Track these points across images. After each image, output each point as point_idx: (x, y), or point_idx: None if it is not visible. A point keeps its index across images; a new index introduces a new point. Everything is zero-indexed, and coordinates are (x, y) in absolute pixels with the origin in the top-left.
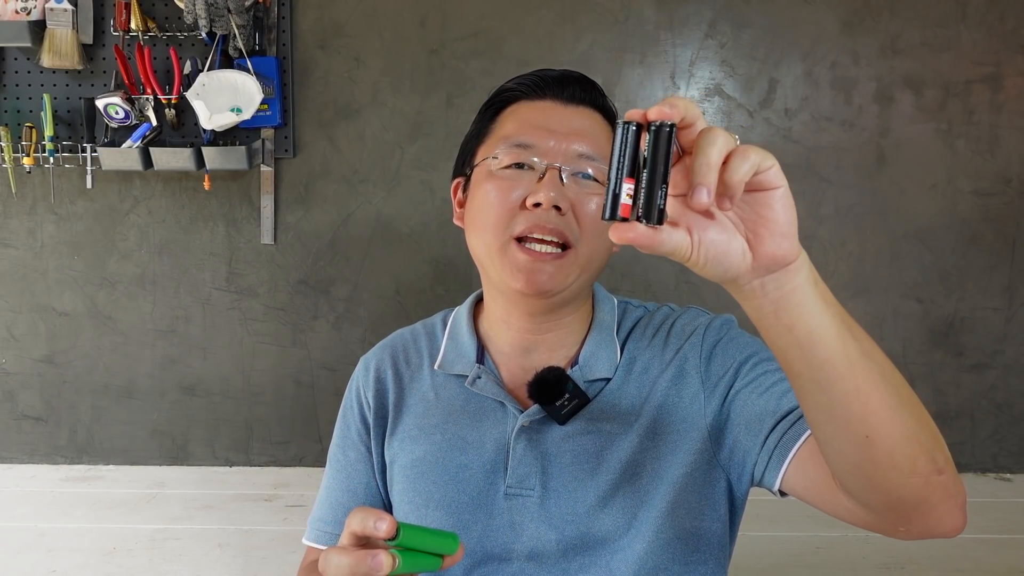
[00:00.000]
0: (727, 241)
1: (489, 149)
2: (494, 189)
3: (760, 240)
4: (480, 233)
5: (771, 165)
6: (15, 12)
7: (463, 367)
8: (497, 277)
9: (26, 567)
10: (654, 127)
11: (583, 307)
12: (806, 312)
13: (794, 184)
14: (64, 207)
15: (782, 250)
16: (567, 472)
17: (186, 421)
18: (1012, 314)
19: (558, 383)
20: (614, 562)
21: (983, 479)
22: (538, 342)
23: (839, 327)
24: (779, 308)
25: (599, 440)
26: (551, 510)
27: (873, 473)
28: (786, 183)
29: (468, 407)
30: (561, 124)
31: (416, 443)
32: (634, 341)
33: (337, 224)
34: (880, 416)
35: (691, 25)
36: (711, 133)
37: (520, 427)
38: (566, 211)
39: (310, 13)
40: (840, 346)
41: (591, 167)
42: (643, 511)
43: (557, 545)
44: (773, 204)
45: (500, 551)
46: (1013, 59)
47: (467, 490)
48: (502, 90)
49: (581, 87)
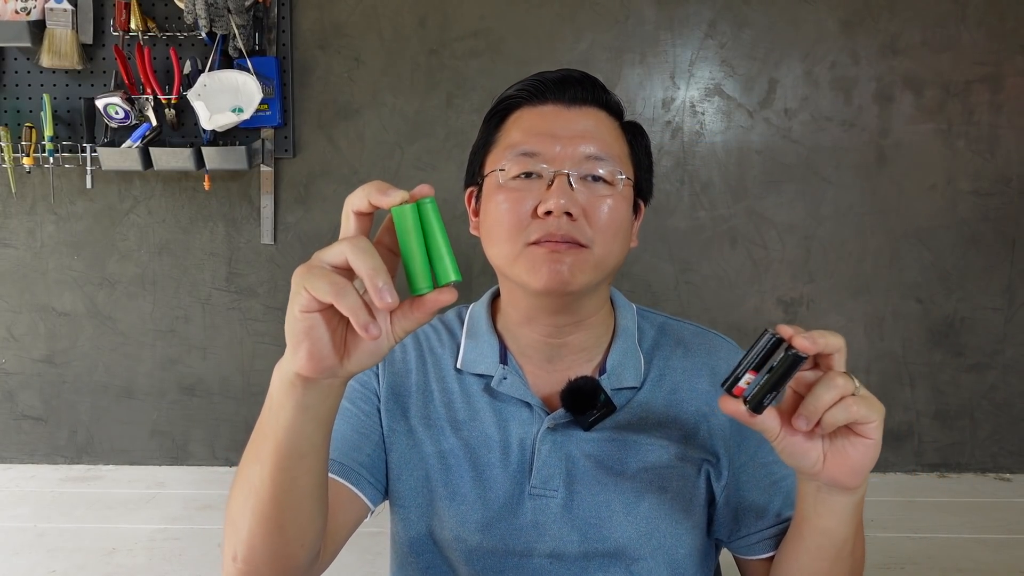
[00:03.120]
0: (808, 449)
1: (496, 159)
2: (505, 201)
3: (834, 465)
4: (497, 244)
5: (872, 420)
6: (15, 12)
7: (486, 367)
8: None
9: (26, 567)
10: (791, 353)
11: (604, 310)
12: (837, 519)
13: (794, 184)
14: (64, 207)
15: (849, 482)
16: (591, 476)
17: (186, 421)
18: (1012, 314)
19: (593, 394)
20: (635, 568)
21: (983, 479)
22: (561, 345)
23: (850, 533)
24: (820, 504)
25: (625, 448)
26: (574, 512)
27: None
28: (879, 439)
29: (494, 406)
30: (565, 128)
31: (442, 434)
32: (662, 357)
33: (337, 224)
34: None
35: (691, 25)
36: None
37: (546, 428)
38: (578, 216)
39: (310, 13)
40: (841, 545)
41: (600, 168)
42: (669, 526)
43: (579, 547)
44: (860, 448)
45: (523, 549)
46: (1013, 59)
47: (492, 487)
48: (504, 97)
49: (582, 87)
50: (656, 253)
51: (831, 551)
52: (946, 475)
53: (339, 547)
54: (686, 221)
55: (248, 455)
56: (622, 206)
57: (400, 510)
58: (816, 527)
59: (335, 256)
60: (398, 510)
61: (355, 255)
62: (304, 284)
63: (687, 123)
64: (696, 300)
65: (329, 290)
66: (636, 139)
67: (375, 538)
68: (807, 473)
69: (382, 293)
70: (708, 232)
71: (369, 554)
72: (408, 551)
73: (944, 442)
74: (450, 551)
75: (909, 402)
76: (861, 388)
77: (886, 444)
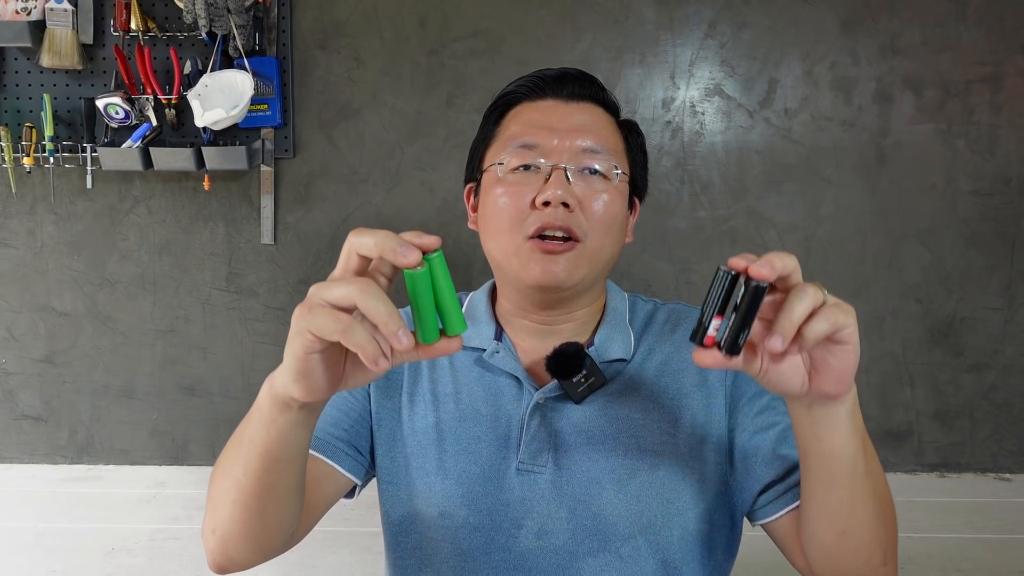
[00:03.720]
0: (791, 371)
1: (496, 153)
2: (504, 193)
3: (819, 379)
4: (495, 237)
5: (847, 325)
6: (15, 12)
7: (480, 341)
8: (514, 276)
9: (26, 567)
10: (752, 284)
11: (597, 301)
12: (836, 433)
13: (794, 184)
14: (64, 207)
15: (836, 391)
16: (580, 452)
17: (186, 421)
18: (1012, 314)
19: (576, 356)
20: (625, 549)
21: (983, 479)
22: (553, 331)
23: (857, 448)
24: (816, 423)
25: (615, 423)
26: (563, 488)
27: (837, 557)
28: (857, 341)
29: (483, 380)
30: (563, 121)
31: (428, 409)
32: (652, 334)
33: (337, 224)
34: (859, 520)
35: (691, 25)
36: (802, 291)
37: (535, 404)
38: (574, 208)
39: (310, 13)
40: (851, 464)
41: (596, 161)
42: (662, 505)
43: (567, 524)
44: (841, 356)
45: (509, 526)
46: (1013, 59)
47: (479, 462)
48: (504, 93)
49: (580, 83)
50: (656, 253)
51: (844, 475)
52: (946, 475)
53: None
54: (686, 221)
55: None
56: (617, 200)
57: (388, 487)
58: (820, 452)
59: (341, 298)
60: (386, 487)
61: (367, 301)
62: (308, 327)
63: (687, 123)
64: (696, 300)
65: (336, 329)
66: (632, 136)
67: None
68: (796, 395)
69: (399, 337)
70: (708, 232)
71: (369, 554)
72: (397, 530)
73: (944, 442)
74: (437, 529)
75: (909, 402)
76: (829, 296)
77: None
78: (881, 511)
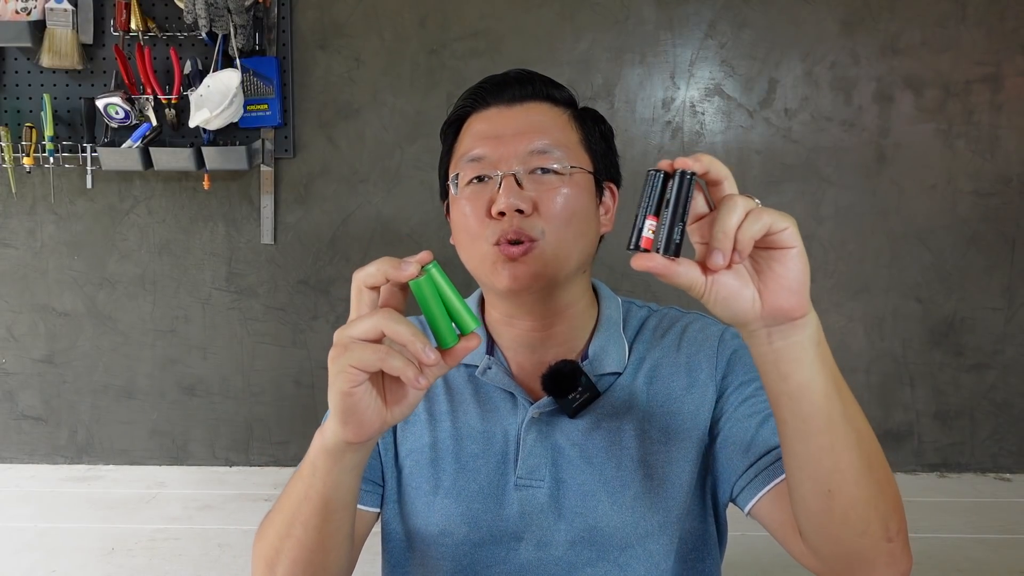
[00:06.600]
0: (739, 288)
1: (453, 169)
2: (464, 208)
3: (770, 292)
4: (465, 250)
5: (784, 227)
6: (15, 12)
7: (472, 357)
8: (490, 284)
9: (26, 567)
10: (678, 174)
11: (585, 301)
12: (802, 367)
13: (794, 184)
14: (64, 207)
15: (789, 304)
16: (577, 465)
17: (186, 421)
18: (1012, 314)
19: (572, 375)
20: (623, 558)
21: (983, 479)
22: (544, 338)
23: (829, 387)
24: (779, 358)
25: (610, 435)
26: (561, 502)
27: (828, 525)
28: (800, 244)
29: (478, 397)
30: (507, 127)
31: (425, 429)
32: (643, 341)
33: (337, 224)
34: (845, 476)
35: (691, 25)
36: (731, 201)
37: (531, 418)
38: (530, 212)
39: (310, 13)
40: (825, 404)
41: (546, 161)
42: (656, 514)
43: (565, 536)
44: (785, 262)
45: (509, 540)
46: (1013, 59)
47: (477, 479)
48: (454, 108)
49: (520, 85)
50: None
51: (820, 419)
52: (946, 475)
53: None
54: None
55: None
56: (576, 193)
57: (388, 507)
58: (790, 394)
59: (369, 330)
60: (386, 508)
61: (391, 325)
62: (347, 363)
63: (687, 123)
64: (696, 302)
65: (375, 358)
66: (589, 125)
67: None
68: (751, 315)
69: (427, 353)
70: None
71: (369, 554)
72: (397, 548)
73: (944, 442)
74: (437, 547)
75: (909, 402)
76: (761, 204)
77: (886, 444)
78: (870, 467)
